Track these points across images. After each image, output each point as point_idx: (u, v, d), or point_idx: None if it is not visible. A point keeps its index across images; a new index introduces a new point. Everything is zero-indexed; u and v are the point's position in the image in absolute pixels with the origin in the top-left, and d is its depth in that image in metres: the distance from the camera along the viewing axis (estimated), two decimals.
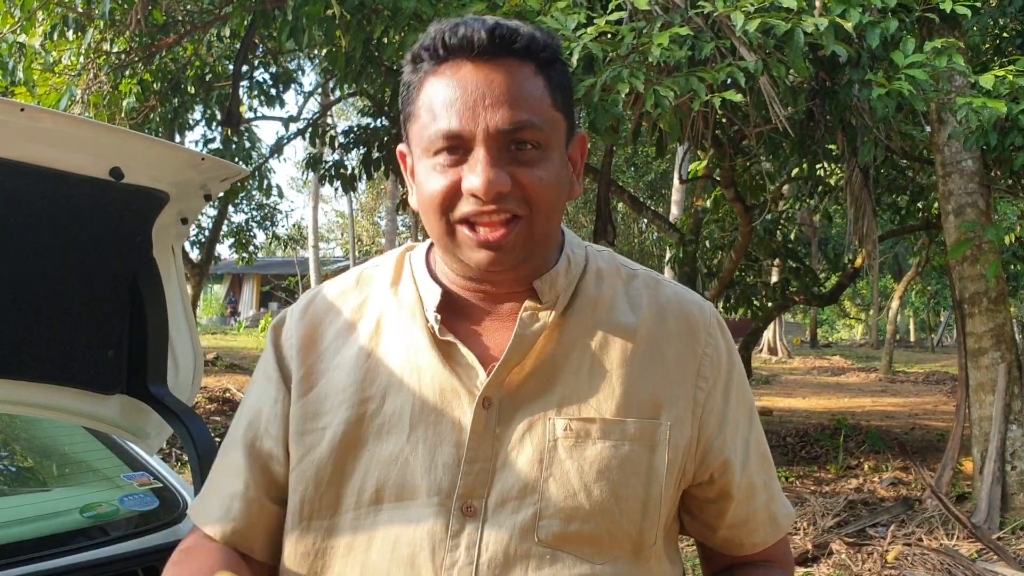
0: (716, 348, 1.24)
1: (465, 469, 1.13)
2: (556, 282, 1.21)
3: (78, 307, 1.97)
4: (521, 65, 1.13)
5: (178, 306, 2.15)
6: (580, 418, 1.15)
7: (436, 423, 1.15)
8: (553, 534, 1.11)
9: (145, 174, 1.82)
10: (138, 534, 2.23)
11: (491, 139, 1.10)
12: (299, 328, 1.27)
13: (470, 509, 1.12)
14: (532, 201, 1.12)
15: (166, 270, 2.07)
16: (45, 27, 7.05)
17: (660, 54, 4.93)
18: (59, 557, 2.05)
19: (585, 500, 1.12)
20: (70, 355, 2.01)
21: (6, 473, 2.78)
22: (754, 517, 1.26)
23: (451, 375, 1.17)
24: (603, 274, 1.26)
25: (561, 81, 1.17)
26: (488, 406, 1.15)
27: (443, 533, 1.11)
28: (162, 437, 2.29)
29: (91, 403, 2.10)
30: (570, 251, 1.25)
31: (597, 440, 1.14)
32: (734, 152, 8.61)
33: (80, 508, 2.24)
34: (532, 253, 1.17)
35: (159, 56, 8.52)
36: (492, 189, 1.09)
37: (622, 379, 1.17)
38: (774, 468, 1.32)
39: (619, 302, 1.23)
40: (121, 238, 1.94)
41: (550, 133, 1.14)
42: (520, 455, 1.13)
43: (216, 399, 11.59)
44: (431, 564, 1.10)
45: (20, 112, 1.59)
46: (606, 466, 1.13)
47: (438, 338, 1.18)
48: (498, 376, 1.16)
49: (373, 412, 1.17)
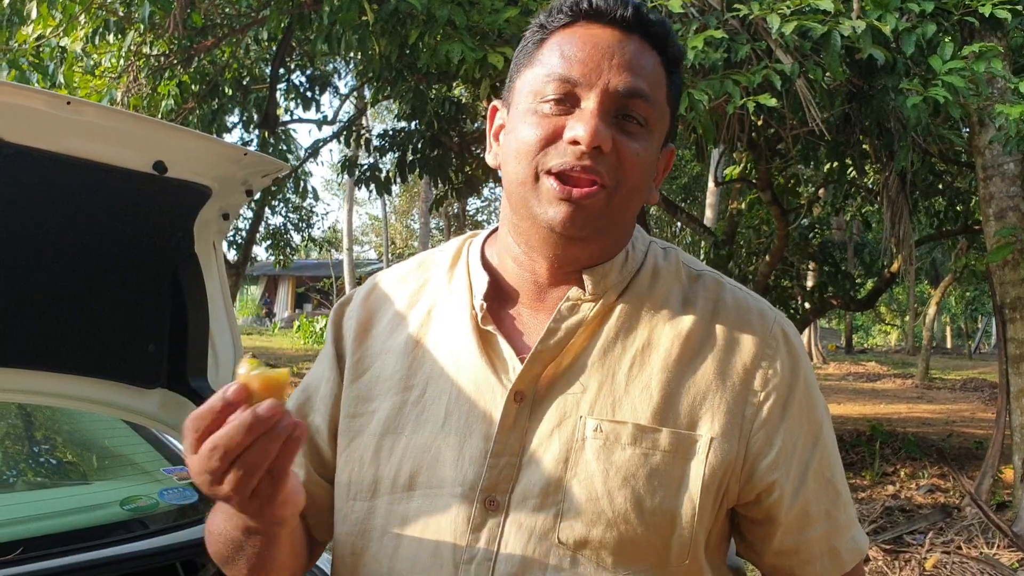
0: (774, 360, 1.16)
1: (490, 463, 1.12)
2: (608, 275, 1.18)
3: (120, 301, 2.00)
4: (652, 49, 1.15)
5: (218, 301, 2.17)
6: (612, 420, 1.11)
7: (469, 414, 1.15)
8: (574, 537, 1.08)
9: (188, 168, 1.84)
10: (177, 528, 2.24)
11: (607, 97, 1.10)
12: (359, 313, 1.31)
13: (493, 503, 1.11)
14: (624, 172, 1.11)
15: (207, 265, 2.09)
16: (87, 30, 7.12)
17: (695, 57, 4.92)
18: (99, 549, 2.07)
19: (607, 506, 1.08)
20: (111, 349, 2.04)
21: (48, 466, 2.82)
22: (806, 548, 1.18)
23: (487, 366, 1.16)
24: (660, 272, 1.21)
25: (677, 85, 1.19)
26: (520, 400, 1.13)
27: (465, 525, 1.11)
28: None
29: (132, 397, 2.13)
30: (632, 246, 1.22)
31: (627, 446, 1.10)
32: (770, 155, 8.56)
33: (120, 501, 2.26)
34: (603, 230, 1.14)
35: (198, 59, 8.60)
36: (596, 140, 1.07)
37: (662, 385, 1.13)
38: (844, 498, 1.21)
39: (673, 303, 1.19)
40: (163, 233, 1.97)
41: (658, 117, 1.14)
42: (547, 452, 1.11)
43: None
44: (452, 555, 1.11)
45: (66, 105, 1.62)
46: (632, 474, 1.09)
47: (480, 327, 1.18)
48: (531, 369, 1.14)
49: (415, 399, 1.19)
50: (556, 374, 1.15)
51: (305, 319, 25.41)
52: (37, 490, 2.55)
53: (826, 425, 1.20)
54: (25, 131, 1.60)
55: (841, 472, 1.22)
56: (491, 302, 1.20)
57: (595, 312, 1.16)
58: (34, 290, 1.86)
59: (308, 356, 19.57)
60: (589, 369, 1.14)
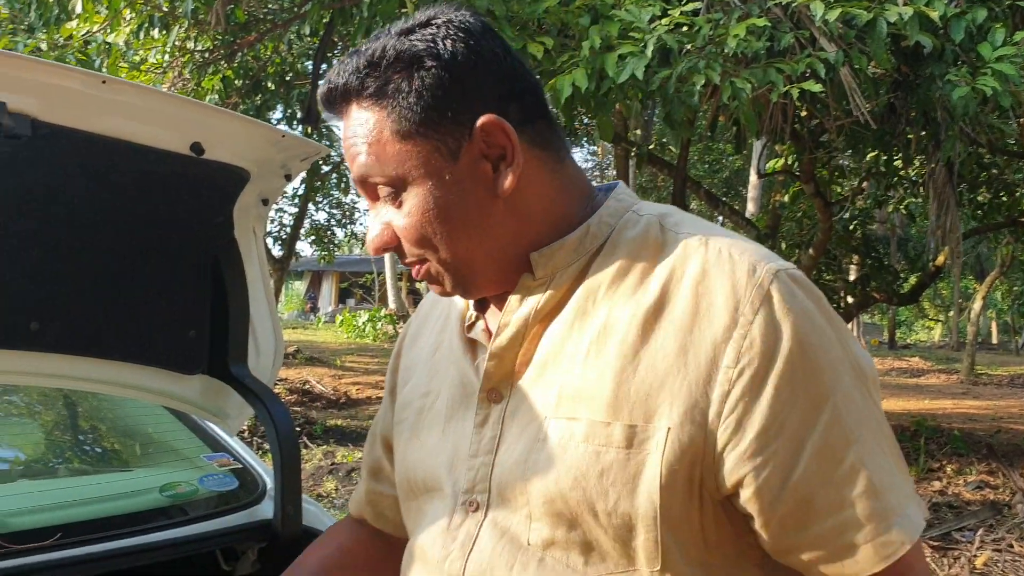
0: (751, 326, 0.97)
1: (469, 463, 1.11)
2: (555, 256, 1.09)
3: (160, 287, 2.00)
4: (357, 107, 1.06)
5: (259, 288, 2.17)
6: (569, 417, 1.03)
7: (459, 417, 1.15)
8: (542, 538, 1.04)
9: (226, 150, 1.82)
10: (217, 514, 2.24)
11: (361, 191, 1.10)
12: (414, 321, 1.38)
13: (473, 504, 1.10)
14: (411, 243, 1.08)
15: (247, 251, 2.09)
16: (132, 26, 7.20)
17: (737, 45, 4.84)
18: (138, 535, 2.08)
19: (564, 507, 1.01)
20: (152, 335, 2.05)
21: (90, 453, 2.84)
22: (813, 545, 0.99)
23: (471, 368, 1.16)
24: (625, 244, 1.08)
25: (409, 96, 1.03)
26: (496, 399, 1.11)
27: (446, 526, 1.12)
28: (242, 418, 2.32)
29: (173, 383, 2.14)
30: (596, 221, 1.10)
31: (580, 443, 1.01)
32: (813, 147, 8.44)
33: (160, 487, 2.27)
34: (481, 272, 1.11)
35: (241, 54, 8.66)
36: (375, 249, 1.11)
37: (616, 372, 1.01)
38: (877, 481, 0.98)
39: (635, 276, 1.05)
40: (202, 217, 1.96)
41: (401, 170, 1.04)
42: (513, 453, 1.07)
43: (296, 390, 11.85)
44: (432, 555, 1.13)
45: (102, 84, 1.60)
46: (582, 474, 1.00)
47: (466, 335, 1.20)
48: (497, 367, 1.11)
49: (430, 405, 1.21)
50: (521, 369, 1.10)
51: (348, 313, 25.61)
52: (78, 476, 2.57)
53: (839, 394, 0.98)
54: (62, 111, 1.59)
55: (873, 450, 0.99)
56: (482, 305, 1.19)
57: (547, 298, 1.09)
58: (75, 274, 1.86)
59: (350, 350, 19.70)
60: (551, 361, 1.07)
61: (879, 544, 0.98)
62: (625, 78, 4.75)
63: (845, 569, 0.99)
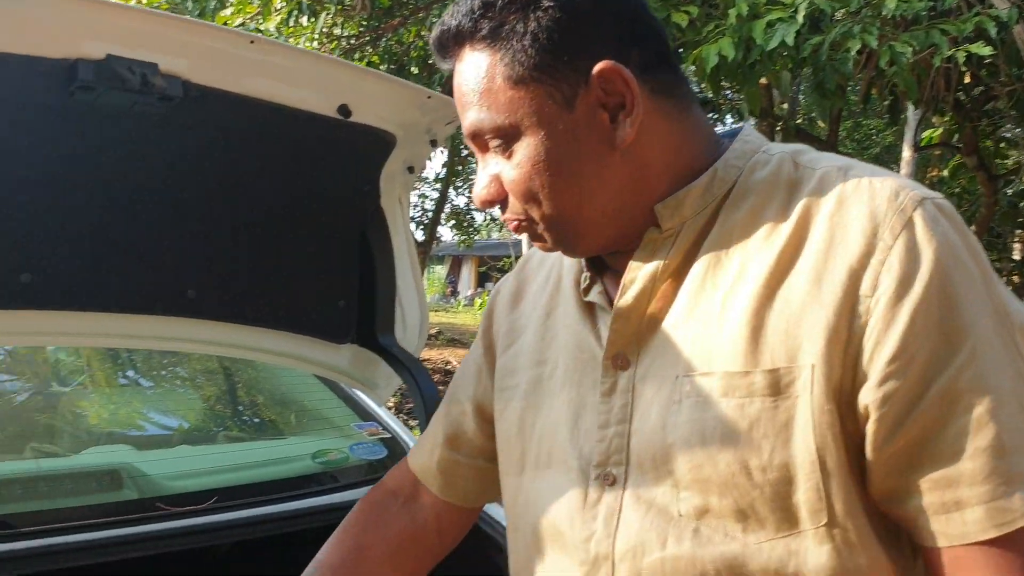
0: (890, 252, 0.89)
1: (599, 435, 1.02)
2: (681, 207, 1.01)
3: (309, 256, 2.02)
4: (470, 50, 1.01)
5: (405, 259, 2.16)
6: (702, 373, 0.95)
7: (579, 385, 1.07)
8: (694, 506, 0.94)
9: (373, 113, 1.80)
10: (367, 482, 2.26)
11: (471, 143, 1.04)
12: (513, 283, 1.28)
13: (608, 478, 1.01)
14: (520, 197, 1.02)
15: (393, 221, 2.08)
16: (283, 14, 7.41)
17: (896, 7, 4.59)
18: (292, 501, 2.11)
19: (713, 472, 0.93)
20: (303, 304, 2.07)
21: (247, 422, 2.92)
22: (920, 491, 0.88)
23: (591, 332, 1.08)
24: (757, 186, 1.00)
25: (524, 39, 0.97)
26: (623, 365, 1.03)
27: (581, 503, 1.03)
28: (390, 387, 2.33)
29: (324, 352, 2.16)
30: (723, 165, 1.02)
31: (720, 399, 0.93)
32: (977, 116, 7.97)
33: (312, 454, 2.31)
34: (590, 231, 1.03)
35: (385, 39, 8.81)
36: (481, 203, 1.05)
37: (751, 317, 0.93)
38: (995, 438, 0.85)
39: (768, 218, 0.97)
40: (350, 184, 1.96)
41: (513, 118, 0.98)
42: (649, 420, 0.99)
43: (438, 371, 12.07)
44: (570, 534, 1.03)
45: (250, 44, 1.60)
46: (730, 431, 0.92)
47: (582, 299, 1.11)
48: (621, 329, 1.02)
49: (548, 374, 1.13)
50: (651, 330, 1.01)
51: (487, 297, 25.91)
52: (234, 443, 2.64)
53: (978, 337, 0.88)
54: (211, 72, 1.60)
55: (1009, 405, 0.87)
56: (596, 266, 1.11)
57: (675, 251, 1.01)
58: (227, 243, 1.89)
59: None
60: (684, 319, 0.99)
61: (994, 508, 0.85)
62: (774, 45, 4.57)
63: (951, 527, 0.87)
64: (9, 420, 2.49)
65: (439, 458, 1.33)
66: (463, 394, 1.32)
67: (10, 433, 2.41)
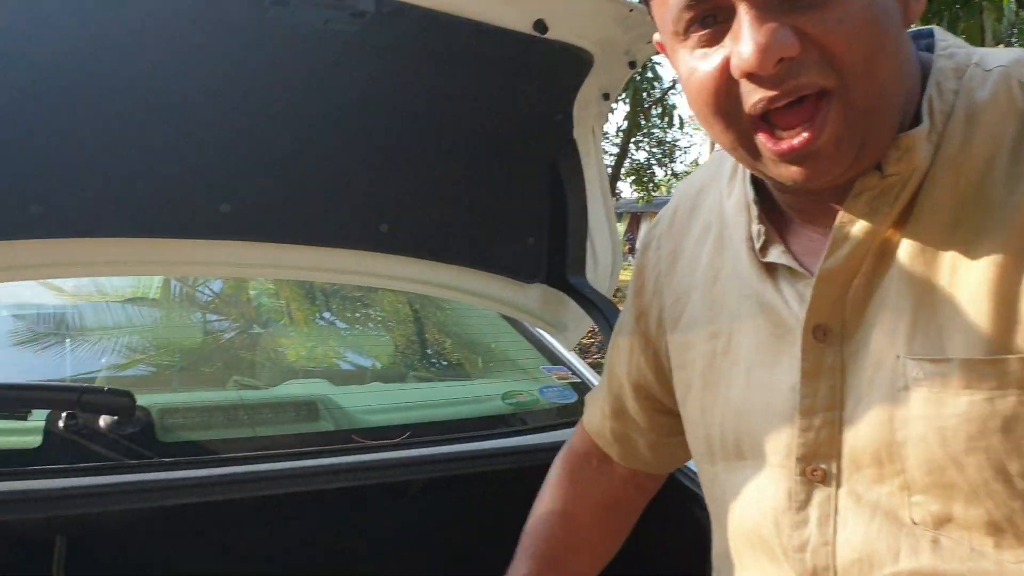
0: None
1: (802, 423, 0.87)
2: (913, 151, 0.81)
3: (499, 191, 1.96)
4: None
5: (597, 195, 2.07)
6: (936, 359, 0.78)
7: (772, 364, 0.91)
8: (932, 514, 0.80)
9: (570, 28, 1.68)
10: (556, 427, 2.21)
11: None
12: (664, 232, 1.14)
13: (817, 473, 0.86)
14: (837, 59, 0.75)
15: (586, 154, 1.99)
16: None
17: None
18: (482, 440, 2.09)
19: (958, 476, 0.77)
20: (493, 240, 2.02)
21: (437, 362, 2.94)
22: None
23: (777, 299, 0.91)
24: (981, 117, 0.81)
25: None
26: (823, 337, 0.86)
27: (786, 502, 0.89)
28: (580, 330, 2.26)
29: (512, 291, 2.11)
30: (936, 92, 0.83)
31: (960, 391, 0.77)
32: None
33: (502, 395, 2.28)
34: (868, 136, 0.79)
35: None
36: (768, 57, 0.74)
37: (997, 287, 0.76)
38: None
39: (1003, 158, 0.79)
40: (542, 113, 1.87)
41: None
42: (867, 408, 0.83)
43: None
44: (777, 540, 0.89)
45: None
46: (979, 430, 0.76)
47: (759, 259, 0.94)
48: (825, 294, 0.85)
49: (723, 349, 0.98)
50: (862, 297, 0.85)
51: None
52: (425, 383, 2.66)
53: None
54: None
55: None
56: (769, 219, 0.94)
57: (899, 203, 0.82)
58: (418, 177, 1.85)
59: None
60: (901, 286, 0.82)
61: None
62: None
63: None
64: (215, 356, 2.59)
65: (611, 428, 1.27)
66: (620, 368, 1.23)
67: (215, 367, 2.50)
